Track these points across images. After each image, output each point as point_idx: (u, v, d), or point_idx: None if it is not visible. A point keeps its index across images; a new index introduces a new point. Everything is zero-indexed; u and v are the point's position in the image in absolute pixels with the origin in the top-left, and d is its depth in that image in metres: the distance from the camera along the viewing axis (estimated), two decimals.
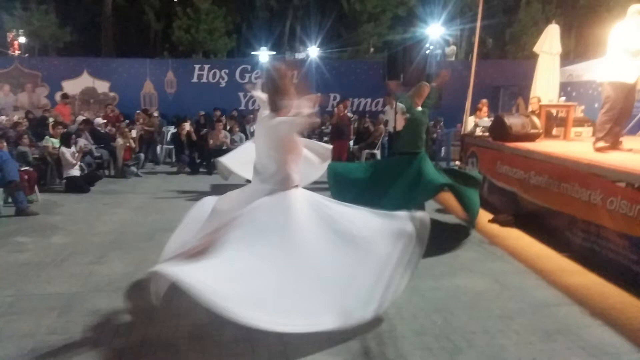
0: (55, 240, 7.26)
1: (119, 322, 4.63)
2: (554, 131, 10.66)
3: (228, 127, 14.49)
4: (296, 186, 4.53)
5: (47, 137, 11.56)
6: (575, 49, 25.03)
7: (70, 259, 6.40)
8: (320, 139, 13.96)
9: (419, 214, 4.59)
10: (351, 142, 15.70)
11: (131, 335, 4.37)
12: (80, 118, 14.66)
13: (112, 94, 19.09)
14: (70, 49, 30.92)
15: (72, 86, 18.90)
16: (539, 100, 11.13)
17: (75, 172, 10.98)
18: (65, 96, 16.77)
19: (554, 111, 11.24)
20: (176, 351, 4.12)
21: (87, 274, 5.88)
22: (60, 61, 20.40)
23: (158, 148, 15.70)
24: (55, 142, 11.36)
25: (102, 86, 19.10)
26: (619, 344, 4.32)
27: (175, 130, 14.89)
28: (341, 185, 7.84)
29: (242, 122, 16.09)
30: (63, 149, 10.90)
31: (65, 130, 11.82)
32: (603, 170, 6.39)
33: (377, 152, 14.91)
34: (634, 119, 11.82)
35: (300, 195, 4.53)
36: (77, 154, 11.01)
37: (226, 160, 10.38)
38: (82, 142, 12.11)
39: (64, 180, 11.03)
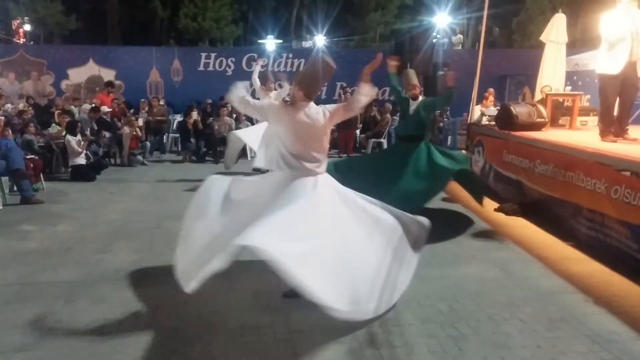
0: (61, 229, 7.29)
1: (125, 311, 4.64)
2: (560, 120, 10.64)
3: (234, 115, 14.44)
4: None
5: (53, 124, 11.57)
6: (582, 38, 24.85)
7: (76, 248, 6.42)
8: None
9: (420, 218, 4.59)
10: (357, 131, 15.71)
11: (137, 324, 4.40)
12: (86, 106, 14.59)
13: (117, 82, 19.02)
14: (75, 37, 30.88)
15: (78, 74, 18.85)
16: (550, 89, 11.11)
17: (81, 160, 10.97)
18: (110, 84, 16.55)
19: (560, 100, 11.22)
20: (182, 339, 4.14)
21: (93, 262, 5.91)
22: (65, 49, 20.35)
23: (164, 136, 15.68)
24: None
25: (108, 74, 18.94)
26: (623, 331, 4.33)
27: (182, 118, 14.88)
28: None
29: None
30: (69, 137, 10.87)
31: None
32: (608, 159, 6.39)
33: (384, 141, 14.89)
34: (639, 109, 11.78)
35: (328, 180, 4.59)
36: (82, 143, 11.00)
37: (240, 132, 10.83)
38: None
39: (70, 169, 11.02)
